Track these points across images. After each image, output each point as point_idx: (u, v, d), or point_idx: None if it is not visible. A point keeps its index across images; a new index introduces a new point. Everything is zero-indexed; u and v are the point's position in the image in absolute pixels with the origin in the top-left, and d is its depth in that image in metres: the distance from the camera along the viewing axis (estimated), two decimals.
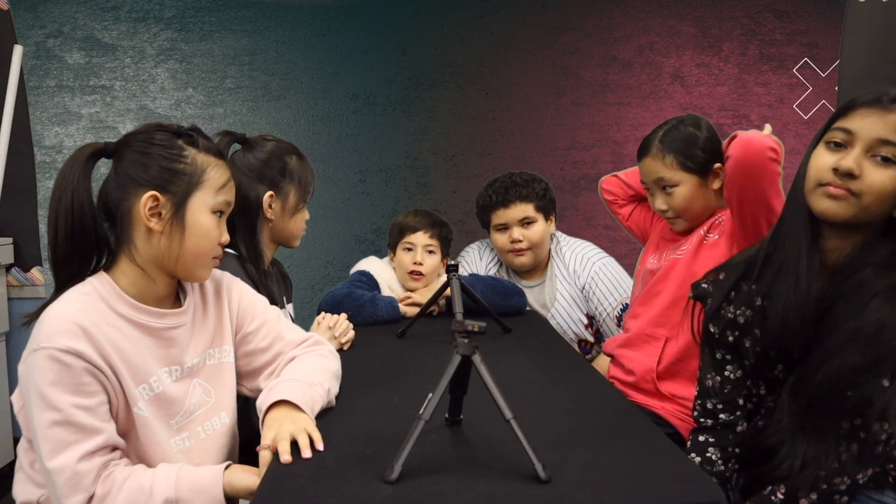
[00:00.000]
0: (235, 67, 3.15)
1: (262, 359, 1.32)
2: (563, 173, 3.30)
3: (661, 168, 1.66)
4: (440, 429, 1.08)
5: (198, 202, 1.13)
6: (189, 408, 1.19)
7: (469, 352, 0.97)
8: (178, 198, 1.11)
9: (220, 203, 1.16)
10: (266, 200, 1.61)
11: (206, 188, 1.14)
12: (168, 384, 1.15)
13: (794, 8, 3.38)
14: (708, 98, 3.36)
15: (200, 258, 1.15)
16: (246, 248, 1.59)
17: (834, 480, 1.06)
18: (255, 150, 1.63)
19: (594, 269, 2.16)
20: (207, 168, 1.14)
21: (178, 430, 1.17)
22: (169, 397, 1.15)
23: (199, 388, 1.21)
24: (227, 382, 1.26)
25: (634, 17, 3.33)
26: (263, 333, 1.32)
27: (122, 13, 3.09)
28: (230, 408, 1.26)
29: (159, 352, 1.15)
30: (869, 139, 1.04)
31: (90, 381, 1.03)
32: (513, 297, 2.02)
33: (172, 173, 1.11)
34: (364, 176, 3.24)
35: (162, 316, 1.15)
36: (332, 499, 0.85)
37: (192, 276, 1.18)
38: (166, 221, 1.10)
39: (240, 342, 1.31)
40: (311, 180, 1.70)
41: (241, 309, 1.31)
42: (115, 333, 1.08)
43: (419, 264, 2.07)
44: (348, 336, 1.68)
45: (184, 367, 1.18)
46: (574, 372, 1.45)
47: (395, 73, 3.23)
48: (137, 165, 1.10)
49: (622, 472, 0.91)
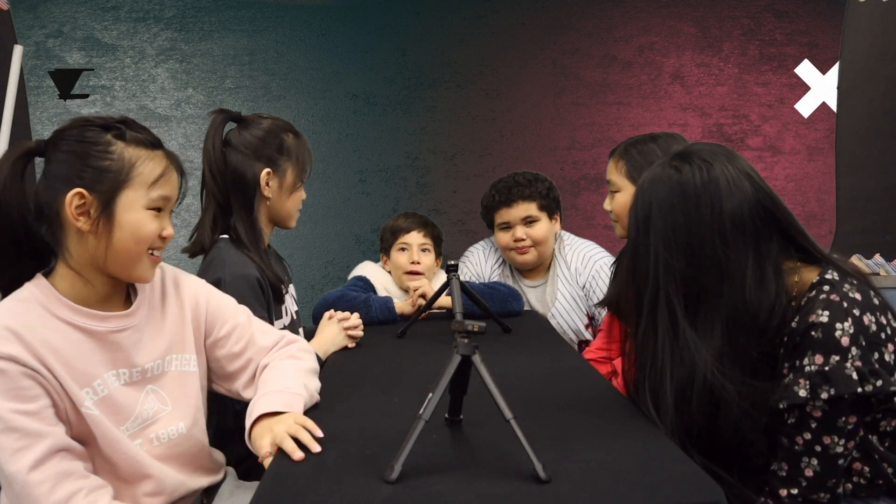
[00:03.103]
0: (235, 67, 3.15)
1: (235, 364, 1.28)
2: (563, 173, 3.30)
3: (613, 171, 1.73)
4: (440, 429, 1.08)
5: (127, 199, 1.07)
6: (141, 414, 1.13)
7: (469, 352, 0.97)
8: (105, 196, 1.05)
9: (155, 199, 1.10)
10: (263, 178, 1.57)
11: (136, 185, 1.07)
12: (115, 388, 1.10)
13: (794, 8, 3.38)
14: (708, 98, 3.36)
15: (134, 258, 1.09)
16: (244, 227, 1.56)
17: (822, 497, 1.07)
18: (251, 127, 1.60)
19: (595, 268, 2.17)
20: (137, 162, 1.08)
21: (131, 437, 1.11)
22: (116, 402, 1.10)
23: (154, 395, 1.16)
24: (189, 393, 1.21)
25: (634, 17, 3.33)
26: (235, 338, 1.28)
27: (122, 13, 3.09)
28: (190, 418, 1.20)
29: (104, 355, 1.10)
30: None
31: (29, 385, 0.99)
32: (509, 302, 2.02)
33: (98, 171, 1.05)
34: (364, 176, 3.24)
35: (104, 319, 1.10)
36: (332, 499, 0.85)
37: (129, 276, 1.12)
38: (94, 221, 1.05)
39: (211, 347, 1.27)
40: (308, 158, 1.67)
41: (210, 313, 1.27)
42: (53, 336, 1.04)
43: (416, 263, 2.07)
44: (357, 332, 1.66)
45: (133, 371, 1.13)
46: (574, 372, 1.45)
47: (395, 73, 3.23)
48: (63, 164, 1.06)
49: (622, 472, 0.91)
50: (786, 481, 1.07)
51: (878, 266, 2.95)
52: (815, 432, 1.04)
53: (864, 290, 1.07)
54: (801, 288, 1.11)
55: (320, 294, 1.95)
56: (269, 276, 1.54)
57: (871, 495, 1.12)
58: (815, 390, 1.02)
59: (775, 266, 1.10)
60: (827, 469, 1.05)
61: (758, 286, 1.08)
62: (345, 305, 1.85)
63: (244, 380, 1.29)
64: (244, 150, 1.58)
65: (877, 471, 1.10)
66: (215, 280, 1.45)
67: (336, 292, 1.96)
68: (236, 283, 1.46)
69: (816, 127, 3.46)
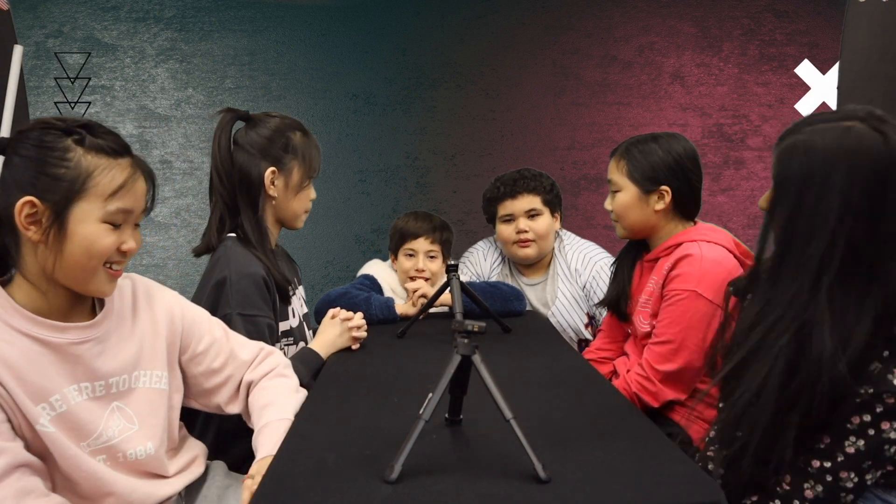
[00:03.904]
0: (235, 67, 3.15)
1: (214, 380, 1.26)
2: (563, 173, 3.30)
3: (614, 170, 1.73)
4: (440, 429, 1.08)
5: (81, 212, 1.00)
6: (104, 432, 1.09)
7: (469, 352, 0.97)
8: (57, 206, 0.99)
9: (113, 212, 1.02)
10: (268, 177, 1.56)
11: (91, 196, 1.01)
12: (78, 402, 1.06)
13: (794, 8, 3.38)
14: (708, 98, 3.36)
15: (88, 272, 1.03)
16: (250, 227, 1.54)
17: (840, 475, 1.06)
18: (258, 126, 1.58)
19: (596, 268, 2.18)
20: (94, 172, 1.01)
21: (92, 453, 1.07)
22: (77, 418, 1.05)
23: (119, 413, 1.11)
24: (157, 411, 1.16)
25: (634, 17, 3.33)
26: (214, 353, 1.25)
27: (122, 13, 3.09)
28: (158, 437, 1.16)
29: (64, 367, 1.05)
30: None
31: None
32: (511, 302, 2.02)
33: (51, 179, 0.99)
34: (364, 176, 3.24)
35: (62, 330, 1.05)
36: (332, 499, 0.85)
37: (86, 290, 1.06)
38: (45, 231, 0.99)
39: (187, 363, 1.24)
40: (315, 157, 1.64)
41: (185, 328, 1.23)
42: (8, 350, 1.00)
43: (421, 271, 2.07)
44: (361, 333, 1.65)
45: (96, 385, 1.09)
46: (574, 372, 1.45)
47: (395, 73, 3.23)
48: (17, 169, 1.00)
49: (622, 472, 0.91)
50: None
51: None
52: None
53: None
54: None
55: (320, 294, 1.95)
56: (275, 276, 1.53)
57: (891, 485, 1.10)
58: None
59: None
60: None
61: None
62: (346, 303, 1.84)
63: (226, 395, 1.27)
64: (251, 149, 1.56)
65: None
66: (220, 278, 1.44)
67: (339, 290, 1.96)
68: (241, 282, 1.45)
69: None
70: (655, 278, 1.69)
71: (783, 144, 1.14)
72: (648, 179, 1.67)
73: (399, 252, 2.13)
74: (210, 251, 1.56)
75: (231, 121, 1.57)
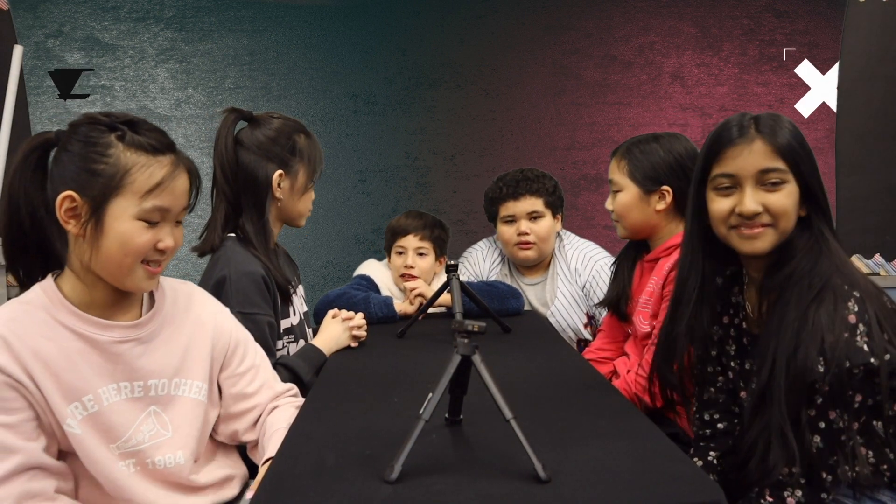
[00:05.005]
0: (235, 67, 3.15)
1: (242, 405, 1.22)
2: (563, 173, 3.30)
3: (615, 170, 1.73)
4: (440, 429, 1.08)
5: (117, 208, 1.00)
6: (134, 435, 1.07)
7: (469, 352, 0.97)
8: (95, 201, 0.99)
9: (148, 210, 1.02)
10: (276, 179, 1.56)
11: (128, 193, 1.00)
12: (114, 402, 1.05)
13: (794, 8, 3.38)
14: (708, 98, 3.36)
15: (124, 268, 1.03)
16: (253, 228, 1.55)
17: (825, 477, 1.06)
18: (262, 127, 1.59)
19: (596, 268, 2.17)
20: (132, 169, 1.01)
21: (121, 456, 1.06)
22: (108, 419, 1.04)
23: (155, 417, 1.10)
24: (193, 422, 1.14)
25: (634, 17, 3.33)
26: (250, 377, 1.23)
27: (122, 13, 3.09)
28: (190, 448, 1.13)
29: (105, 365, 1.05)
30: (752, 175, 1.12)
31: (12, 397, 0.96)
32: (509, 300, 2.02)
33: (90, 174, 0.99)
34: (364, 176, 3.24)
35: (106, 328, 1.05)
36: (332, 499, 0.85)
37: (123, 285, 1.05)
38: (83, 225, 1.00)
39: (224, 381, 1.21)
40: (319, 159, 1.65)
41: (230, 346, 1.22)
42: (47, 346, 0.99)
43: (410, 268, 2.07)
44: (361, 333, 1.66)
45: (135, 385, 1.08)
46: (574, 372, 1.45)
47: (395, 73, 3.23)
48: (65, 162, 1.01)
49: (622, 472, 0.91)
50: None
51: (878, 266, 2.95)
52: (821, 407, 1.04)
53: None
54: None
55: (320, 294, 1.95)
56: (275, 276, 1.53)
57: (873, 485, 1.11)
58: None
59: None
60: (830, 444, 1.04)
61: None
62: (345, 303, 1.85)
63: (247, 423, 1.24)
64: (256, 150, 1.56)
65: (880, 457, 1.10)
66: (220, 277, 1.44)
67: (337, 291, 1.96)
68: (240, 280, 1.45)
69: (816, 127, 3.46)
70: (656, 278, 1.69)
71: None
72: (649, 179, 1.68)
73: (391, 250, 2.14)
74: (213, 251, 1.56)
75: (234, 121, 1.57)
